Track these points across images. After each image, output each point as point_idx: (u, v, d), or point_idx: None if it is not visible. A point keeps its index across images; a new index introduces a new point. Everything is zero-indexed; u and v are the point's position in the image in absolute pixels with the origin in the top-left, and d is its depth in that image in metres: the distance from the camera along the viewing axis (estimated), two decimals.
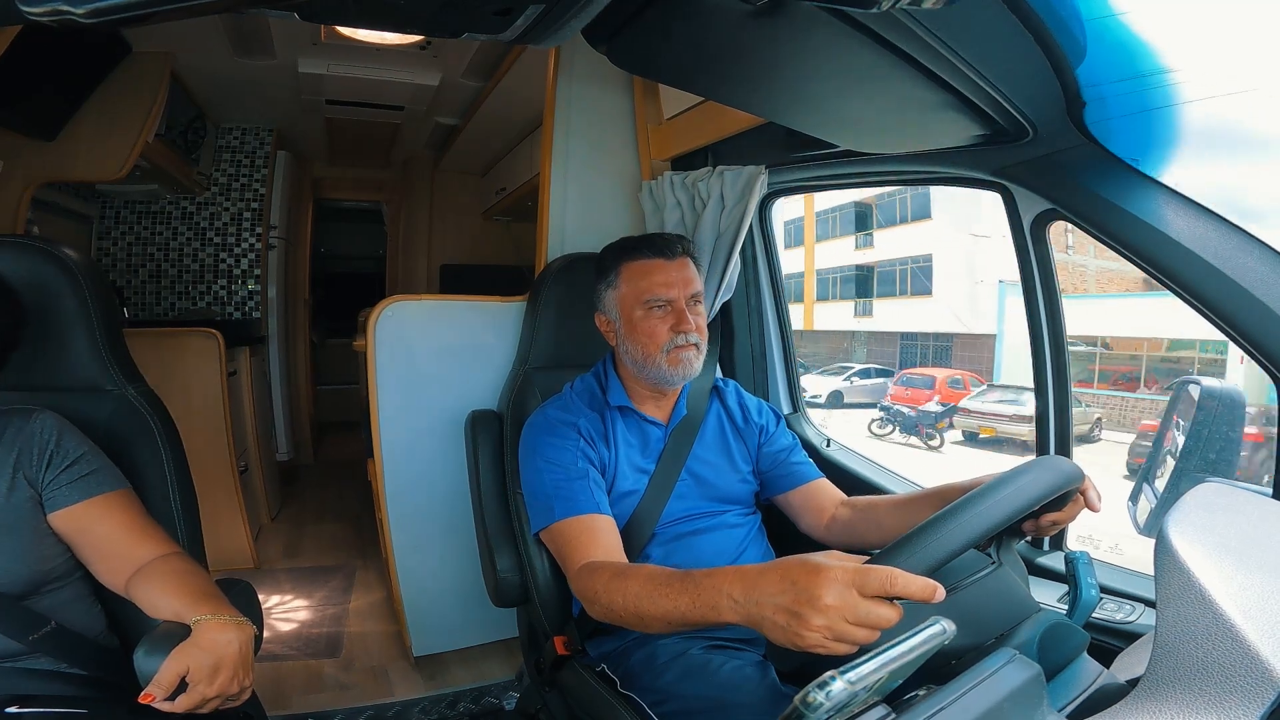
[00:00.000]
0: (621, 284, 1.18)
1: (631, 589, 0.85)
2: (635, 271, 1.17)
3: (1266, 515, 0.66)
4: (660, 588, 0.81)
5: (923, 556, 0.68)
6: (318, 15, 0.68)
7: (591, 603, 0.93)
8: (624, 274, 1.18)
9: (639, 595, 0.84)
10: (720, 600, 0.72)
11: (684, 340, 1.14)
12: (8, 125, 2.01)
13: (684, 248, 1.19)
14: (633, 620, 0.86)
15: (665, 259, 1.16)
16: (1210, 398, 0.90)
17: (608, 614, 0.90)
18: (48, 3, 0.38)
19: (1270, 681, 0.46)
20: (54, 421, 0.92)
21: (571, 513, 1.05)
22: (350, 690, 1.83)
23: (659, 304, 1.15)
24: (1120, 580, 1.08)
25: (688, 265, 1.18)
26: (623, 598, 0.86)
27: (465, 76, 2.70)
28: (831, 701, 0.46)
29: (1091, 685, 0.70)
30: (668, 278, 1.15)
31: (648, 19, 0.73)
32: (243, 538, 2.55)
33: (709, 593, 0.74)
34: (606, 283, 1.21)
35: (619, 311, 1.18)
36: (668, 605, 0.79)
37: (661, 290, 1.15)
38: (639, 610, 0.84)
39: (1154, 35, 0.75)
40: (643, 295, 1.15)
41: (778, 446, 1.26)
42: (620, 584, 0.88)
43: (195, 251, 3.51)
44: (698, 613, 0.76)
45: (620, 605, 0.86)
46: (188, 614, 0.80)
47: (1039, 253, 1.17)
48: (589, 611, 0.95)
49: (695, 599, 0.76)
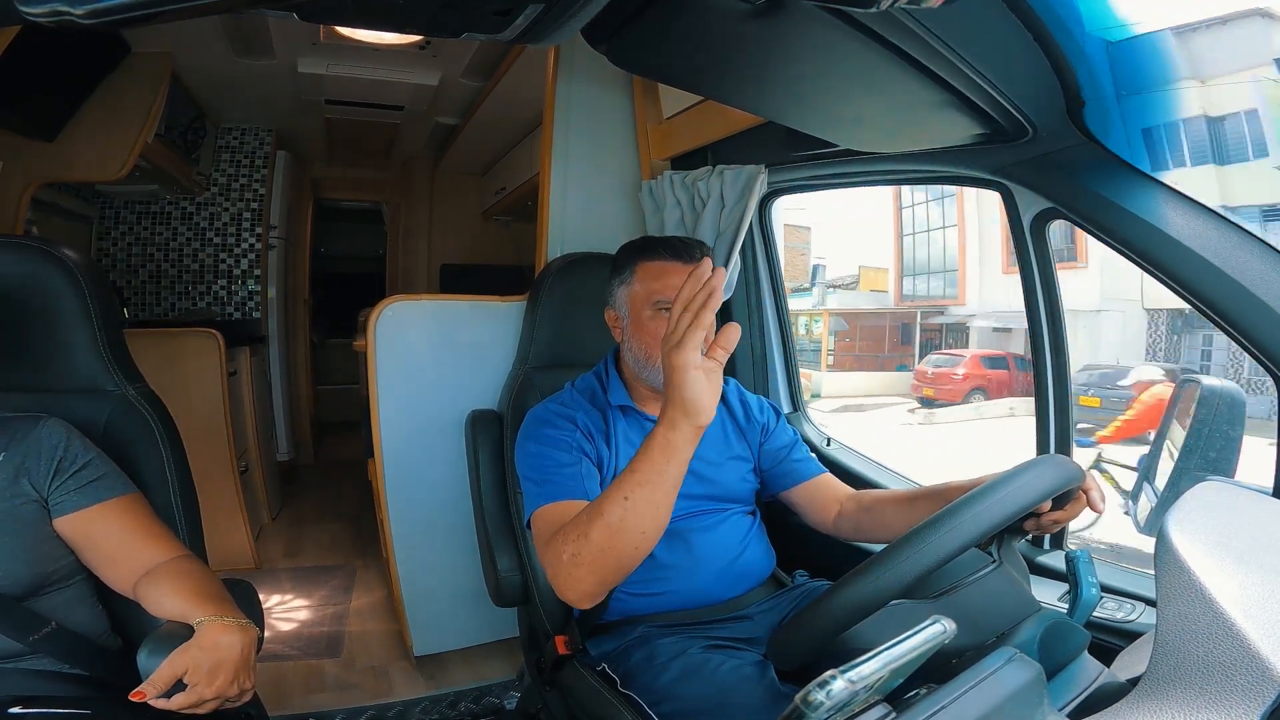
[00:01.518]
0: (635, 281, 1.17)
1: (592, 507, 0.83)
2: (650, 271, 1.16)
3: (1267, 515, 0.66)
4: (614, 483, 0.81)
5: (925, 555, 0.68)
6: (317, 15, 0.68)
7: (558, 560, 0.85)
8: (639, 272, 1.17)
9: (594, 506, 0.83)
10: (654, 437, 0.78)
11: None
12: (8, 125, 2.01)
13: (705, 252, 1.17)
14: (598, 537, 0.81)
15: (683, 263, 1.14)
16: (1211, 396, 0.90)
17: (575, 562, 0.83)
18: (47, 3, 0.38)
19: (1271, 680, 0.46)
20: (62, 429, 0.92)
21: (556, 497, 1.01)
22: (351, 690, 1.84)
23: (668, 306, 1.14)
24: (1121, 579, 1.09)
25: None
26: (585, 516, 0.83)
27: (465, 76, 2.70)
28: (832, 700, 0.46)
29: (1092, 684, 0.70)
30: (681, 282, 1.15)
31: (648, 19, 0.73)
32: (243, 538, 2.56)
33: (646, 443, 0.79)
34: (620, 278, 1.20)
35: (628, 308, 1.18)
36: (620, 483, 0.80)
37: (673, 293, 1.14)
38: (599, 514, 0.81)
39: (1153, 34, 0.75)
40: (653, 295, 1.14)
41: (779, 443, 1.26)
42: (577, 517, 0.85)
43: (195, 252, 3.51)
44: (641, 459, 0.78)
45: (581, 533, 0.82)
46: (192, 615, 0.80)
47: (1039, 252, 1.17)
48: (564, 582, 0.86)
49: (639, 455, 0.79)
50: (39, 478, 0.88)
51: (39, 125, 2.12)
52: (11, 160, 2.07)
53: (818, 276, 14.69)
